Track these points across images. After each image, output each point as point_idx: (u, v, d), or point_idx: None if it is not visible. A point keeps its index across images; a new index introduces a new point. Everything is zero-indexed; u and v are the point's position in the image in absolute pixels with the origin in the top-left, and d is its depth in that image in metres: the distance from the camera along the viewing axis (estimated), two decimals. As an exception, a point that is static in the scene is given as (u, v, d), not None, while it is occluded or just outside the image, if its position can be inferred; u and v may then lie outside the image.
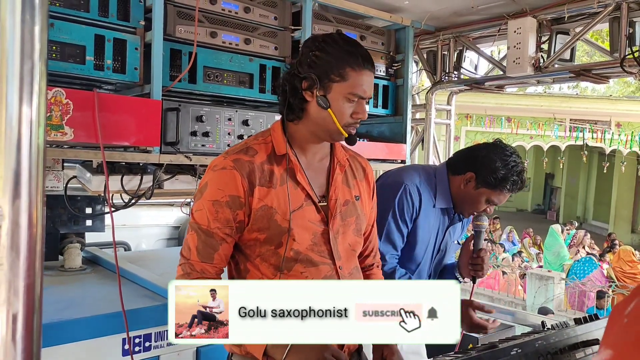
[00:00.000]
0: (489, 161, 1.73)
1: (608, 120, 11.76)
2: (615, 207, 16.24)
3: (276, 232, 1.24)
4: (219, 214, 1.23)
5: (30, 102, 0.45)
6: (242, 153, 1.26)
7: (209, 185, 1.25)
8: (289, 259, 1.25)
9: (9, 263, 0.42)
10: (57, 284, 2.18)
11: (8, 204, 0.42)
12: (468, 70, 3.17)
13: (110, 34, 1.83)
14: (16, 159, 0.43)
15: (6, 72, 0.44)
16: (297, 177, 1.28)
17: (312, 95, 1.24)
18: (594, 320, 1.20)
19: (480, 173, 1.74)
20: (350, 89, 1.22)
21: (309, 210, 1.28)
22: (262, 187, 1.24)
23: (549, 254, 8.80)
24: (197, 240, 1.25)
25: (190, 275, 1.24)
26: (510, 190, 1.75)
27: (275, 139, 1.29)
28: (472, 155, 1.83)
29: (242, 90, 2.18)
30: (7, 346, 0.42)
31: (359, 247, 1.40)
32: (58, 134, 1.64)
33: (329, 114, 1.23)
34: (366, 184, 1.44)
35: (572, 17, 2.56)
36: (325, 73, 1.22)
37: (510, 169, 1.72)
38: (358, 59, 1.23)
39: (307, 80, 1.23)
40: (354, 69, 1.22)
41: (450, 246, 1.95)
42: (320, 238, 1.29)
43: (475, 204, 1.79)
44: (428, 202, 1.81)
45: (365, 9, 2.61)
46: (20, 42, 0.45)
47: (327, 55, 1.23)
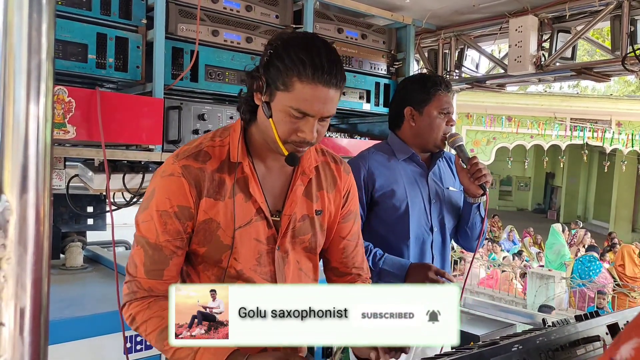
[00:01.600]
0: (408, 89, 1.91)
1: (609, 120, 11.75)
2: (616, 207, 16.26)
3: (216, 248, 1.15)
4: (167, 225, 1.11)
5: (38, 98, 0.45)
6: (193, 158, 1.13)
7: (156, 193, 1.12)
8: (231, 275, 1.17)
9: (17, 257, 0.42)
10: (58, 283, 2.19)
11: (16, 199, 0.42)
12: (469, 68, 3.17)
13: (112, 32, 1.84)
14: (24, 154, 0.43)
15: (14, 69, 0.44)
16: (249, 188, 1.15)
17: (260, 99, 1.11)
18: (594, 317, 1.21)
19: (411, 101, 1.87)
20: (293, 103, 1.05)
21: (258, 225, 1.17)
22: (209, 198, 1.12)
23: (550, 252, 8.82)
24: (144, 256, 1.12)
25: (136, 294, 1.13)
26: (443, 89, 1.85)
27: (232, 143, 1.16)
28: (395, 100, 1.99)
29: (243, 88, 2.18)
30: (15, 340, 0.43)
31: (311, 265, 1.29)
32: (60, 132, 1.64)
33: (270, 123, 1.09)
34: (336, 194, 1.29)
35: (573, 16, 2.56)
36: (272, 78, 1.06)
37: (424, 76, 1.89)
38: (307, 68, 1.03)
39: (256, 81, 1.10)
40: (301, 81, 1.03)
41: (445, 193, 1.94)
42: (265, 258, 1.19)
43: (433, 124, 1.86)
44: (384, 162, 1.88)
45: (367, 7, 2.61)
46: (28, 39, 0.45)
47: (277, 58, 1.06)
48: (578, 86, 17.81)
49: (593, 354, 1.08)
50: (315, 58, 1.04)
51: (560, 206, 19.66)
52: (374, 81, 2.71)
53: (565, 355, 1.04)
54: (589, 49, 12.68)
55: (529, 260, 9.29)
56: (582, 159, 11.46)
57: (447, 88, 1.87)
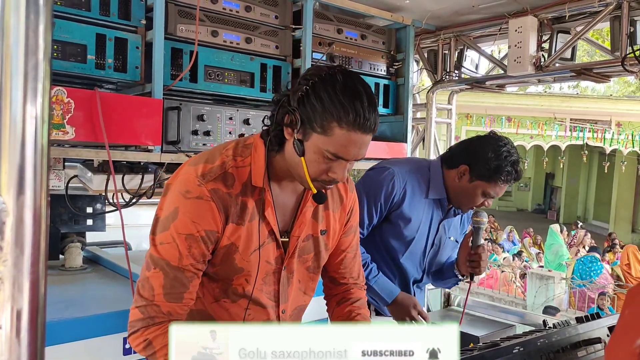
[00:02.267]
0: (482, 152, 1.72)
1: (608, 120, 11.76)
2: (616, 207, 16.25)
3: (230, 270, 1.14)
4: (192, 249, 1.07)
5: (35, 99, 0.45)
6: (221, 181, 1.09)
7: (180, 214, 1.06)
8: (237, 292, 1.17)
9: (13, 259, 0.42)
10: (57, 284, 2.18)
11: (12, 200, 0.42)
12: (469, 69, 3.17)
13: (111, 32, 1.83)
14: (20, 155, 0.43)
15: (10, 70, 0.44)
16: (265, 212, 1.14)
17: (291, 135, 1.07)
18: (595, 319, 1.20)
19: (473, 165, 1.73)
20: (330, 147, 1.03)
21: (269, 248, 1.17)
22: (233, 223, 1.10)
23: (549, 253, 8.82)
24: (164, 279, 1.06)
25: (154, 319, 1.06)
26: (505, 182, 1.73)
27: (254, 165, 1.13)
28: (465, 148, 1.82)
29: (243, 89, 2.18)
30: (12, 342, 0.42)
31: (310, 284, 1.30)
32: (59, 133, 1.64)
33: (301, 160, 1.06)
34: (341, 212, 1.30)
35: (573, 16, 2.56)
36: (309, 118, 1.03)
37: (503, 159, 1.69)
38: (349, 116, 1.01)
39: (290, 115, 1.05)
40: (341, 127, 1.01)
41: (446, 242, 1.93)
42: (271, 277, 1.19)
43: (471, 197, 1.77)
44: (416, 191, 1.80)
45: (366, 8, 2.61)
46: (25, 40, 0.45)
47: (315, 98, 1.02)
48: (578, 87, 17.81)
49: (594, 356, 1.07)
50: (357, 104, 1.01)
51: (560, 207, 19.66)
52: (373, 82, 2.71)
53: (567, 357, 1.03)
54: (589, 50, 12.68)
55: (529, 260, 9.29)
56: (582, 159, 11.46)
57: (515, 182, 1.78)
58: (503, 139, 1.76)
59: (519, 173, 1.74)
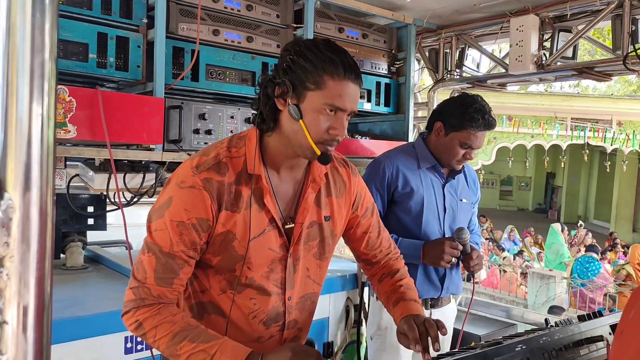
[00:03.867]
0: (450, 106, 1.93)
1: (609, 119, 11.74)
2: (617, 206, 16.25)
3: (230, 258, 1.16)
4: (183, 236, 1.11)
5: (41, 97, 0.45)
6: (214, 171, 1.13)
7: (174, 202, 1.11)
8: (242, 284, 1.19)
9: (20, 255, 0.42)
10: (59, 283, 2.19)
11: (19, 197, 0.42)
12: (470, 68, 3.17)
13: (113, 31, 1.84)
14: (27, 152, 0.43)
15: (17, 68, 0.44)
16: (264, 199, 1.17)
17: (285, 104, 1.11)
18: (597, 317, 1.20)
19: (445, 120, 1.92)
20: (326, 99, 1.08)
21: (271, 235, 1.19)
22: (227, 211, 1.13)
23: (550, 252, 8.82)
24: (156, 263, 1.11)
25: (144, 300, 1.12)
26: (475, 127, 1.85)
27: (249, 154, 1.17)
28: (436, 108, 2.04)
29: (244, 88, 2.18)
30: (18, 338, 0.42)
31: (319, 271, 1.32)
32: (61, 132, 1.64)
33: (300, 126, 1.10)
34: (346, 197, 1.32)
35: (574, 15, 2.56)
36: (300, 80, 1.09)
37: (468, 107, 1.84)
38: (338, 66, 1.09)
39: (280, 86, 1.10)
40: (332, 77, 1.08)
41: (459, 205, 2.05)
42: (277, 265, 1.21)
43: (451, 150, 1.92)
44: (408, 166, 1.97)
45: (368, 6, 2.61)
46: (31, 38, 0.45)
47: (304, 60, 1.09)
48: (579, 86, 17.80)
49: (597, 354, 1.08)
50: (342, 57, 1.10)
51: (561, 206, 19.65)
52: (374, 81, 2.71)
53: (569, 355, 1.03)
54: (590, 49, 12.68)
55: (530, 260, 9.29)
56: (583, 158, 11.46)
57: (484, 128, 1.87)
58: (470, 95, 1.94)
59: (488, 120, 1.86)
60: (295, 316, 1.28)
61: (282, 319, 1.25)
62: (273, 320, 1.24)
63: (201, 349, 1.06)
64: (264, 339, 1.24)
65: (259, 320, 1.22)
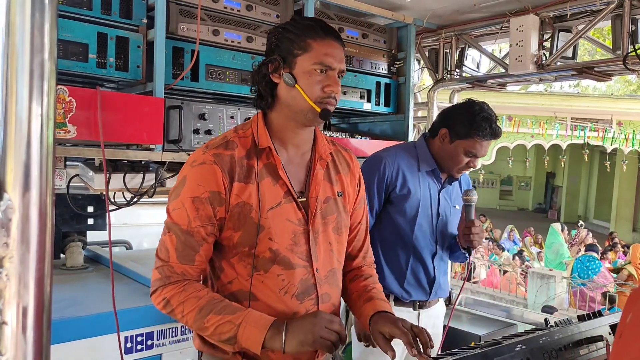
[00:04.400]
0: (457, 114, 1.89)
1: (609, 119, 11.73)
2: (617, 206, 16.24)
3: (251, 230, 1.19)
4: (199, 211, 1.17)
5: (40, 97, 0.45)
6: (222, 147, 1.21)
7: (187, 181, 1.19)
8: (267, 259, 1.21)
9: (19, 256, 0.42)
10: (59, 283, 2.18)
11: (18, 197, 0.42)
12: (470, 68, 3.16)
13: (112, 31, 1.83)
14: (26, 152, 0.43)
15: (16, 68, 0.44)
16: (278, 172, 1.23)
17: (279, 77, 1.21)
18: (597, 317, 1.20)
19: (451, 127, 1.88)
20: (314, 59, 1.19)
21: (288, 207, 1.23)
22: (240, 182, 1.19)
23: (550, 252, 8.81)
24: (177, 241, 1.18)
25: (170, 278, 1.18)
26: (482, 137, 1.83)
27: (256, 131, 1.25)
28: (443, 114, 1.99)
29: (244, 88, 2.18)
30: (18, 339, 0.42)
31: (339, 247, 1.34)
32: (61, 132, 1.64)
33: (298, 91, 1.19)
34: (351, 177, 1.39)
35: (574, 15, 2.56)
36: (288, 50, 1.20)
37: (476, 116, 1.82)
38: (318, 30, 1.20)
39: (272, 63, 1.21)
40: (315, 39, 1.19)
41: (452, 211, 2.02)
42: (300, 237, 1.24)
43: (455, 158, 1.89)
44: (408, 168, 1.93)
45: (367, 6, 2.61)
46: (30, 38, 0.45)
47: (286, 33, 1.21)
48: (579, 86, 17.79)
49: (596, 354, 1.07)
50: (320, 22, 1.23)
51: (561, 206, 19.64)
52: (374, 80, 2.71)
53: (569, 355, 1.03)
54: (590, 49, 12.67)
55: (530, 260, 9.29)
56: (583, 158, 11.45)
57: (491, 137, 1.85)
58: (477, 102, 1.90)
59: (494, 129, 1.84)
60: (326, 289, 1.29)
61: (314, 291, 1.26)
62: (305, 294, 1.25)
63: (227, 320, 1.11)
64: (300, 314, 1.25)
65: (291, 294, 1.23)
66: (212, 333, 1.13)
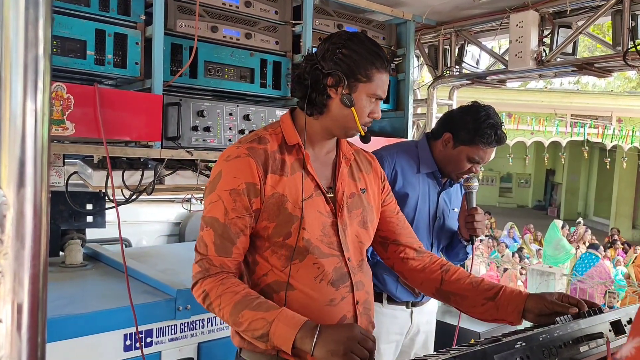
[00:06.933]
0: (462, 118, 1.84)
1: (609, 116, 11.74)
2: (616, 203, 16.25)
3: (286, 221, 1.23)
4: (236, 202, 1.21)
5: (35, 93, 0.45)
6: (256, 142, 1.26)
7: (223, 174, 1.23)
8: (301, 248, 1.24)
9: (14, 253, 0.42)
10: (58, 280, 2.18)
11: (13, 193, 0.42)
12: (470, 64, 3.16)
13: (110, 28, 1.83)
14: (21, 149, 0.43)
15: (10, 64, 0.44)
16: (307, 167, 1.28)
17: (337, 93, 1.25)
18: (597, 314, 1.20)
19: (455, 131, 1.84)
20: (373, 90, 1.26)
21: (319, 200, 1.29)
22: (274, 174, 1.24)
23: (549, 248, 8.81)
24: (214, 235, 1.22)
25: (209, 270, 1.22)
26: (487, 144, 1.80)
27: (285, 130, 1.31)
28: (447, 117, 1.95)
29: (243, 84, 2.18)
30: (13, 337, 0.42)
31: (366, 240, 1.39)
32: (59, 129, 1.63)
33: (351, 112, 1.25)
34: (374, 175, 1.45)
35: (574, 11, 2.55)
36: (352, 72, 1.24)
37: (481, 122, 1.78)
38: (383, 61, 1.26)
39: (333, 77, 1.24)
40: (379, 71, 1.26)
41: (450, 214, 1.99)
42: (329, 229, 1.29)
43: (457, 163, 1.86)
44: (408, 168, 1.90)
45: (367, 3, 2.60)
46: (24, 33, 0.44)
47: (355, 54, 1.24)
48: (578, 82, 17.77)
49: (596, 351, 1.07)
50: (381, 52, 1.28)
51: (561, 203, 19.65)
52: (374, 77, 2.70)
53: (569, 352, 1.03)
54: (590, 45, 12.66)
55: (529, 257, 9.30)
56: (583, 155, 11.44)
57: (496, 144, 1.83)
58: (483, 106, 1.86)
59: (500, 136, 1.81)
60: (360, 277, 1.34)
61: (349, 279, 1.30)
62: (340, 281, 1.29)
63: (261, 316, 1.13)
64: (337, 300, 1.28)
65: (327, 281, 1.27)
66: (245, 329, 1.15)
